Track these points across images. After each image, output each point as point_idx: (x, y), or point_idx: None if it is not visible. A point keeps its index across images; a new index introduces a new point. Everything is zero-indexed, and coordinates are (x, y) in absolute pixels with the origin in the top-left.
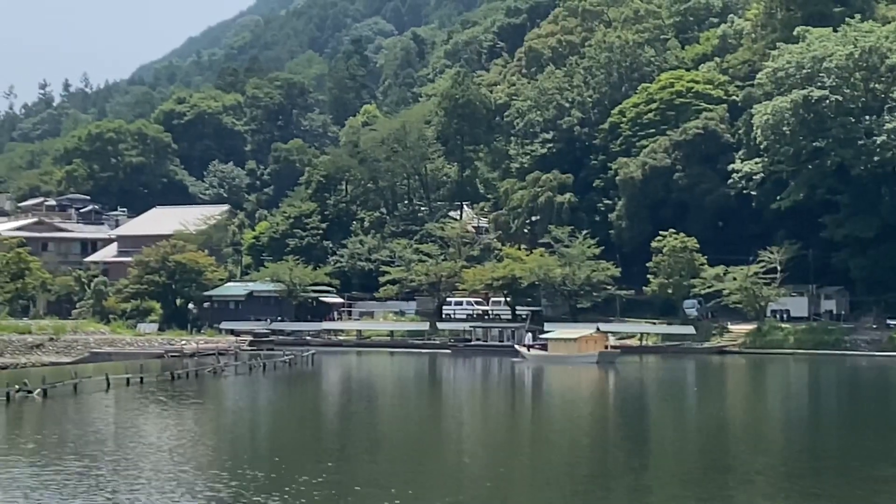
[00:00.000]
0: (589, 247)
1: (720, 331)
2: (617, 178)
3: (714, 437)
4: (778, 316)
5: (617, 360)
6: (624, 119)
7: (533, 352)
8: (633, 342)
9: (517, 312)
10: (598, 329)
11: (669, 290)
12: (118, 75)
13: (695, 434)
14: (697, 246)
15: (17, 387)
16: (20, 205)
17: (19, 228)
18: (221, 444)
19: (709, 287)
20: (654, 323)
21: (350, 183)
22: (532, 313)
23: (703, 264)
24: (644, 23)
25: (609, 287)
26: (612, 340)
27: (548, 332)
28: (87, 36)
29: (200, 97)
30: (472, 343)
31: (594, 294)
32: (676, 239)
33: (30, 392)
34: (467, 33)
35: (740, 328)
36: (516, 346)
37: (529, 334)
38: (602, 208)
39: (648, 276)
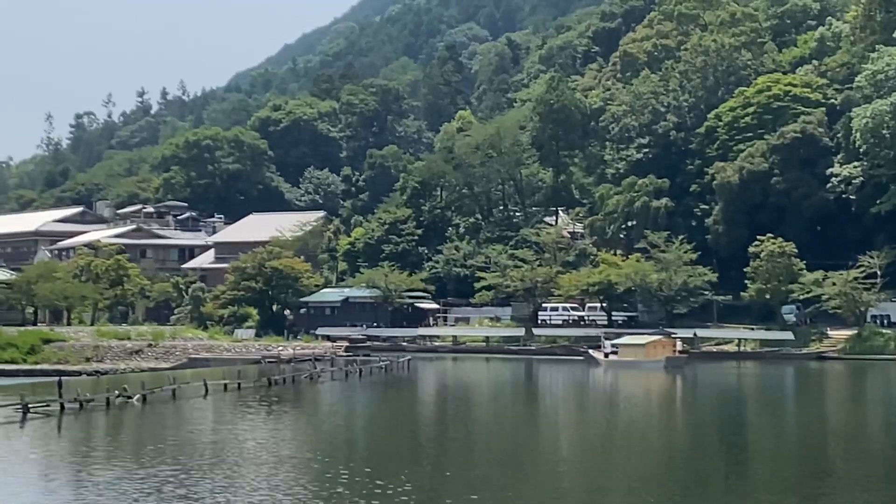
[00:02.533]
0: (685, 252)
1: (819, 336)
2: (714, 182)
3: (812, 443)
4: (878, 321)
5: (685, 365)
6: (720, 123)
7: (610, 357)
8: (731, 348)
9: (613, 318)
10: (695, 335)
11: (767, 296)
12: (215, 83)
13: (792, 440)
14: (796, 251)
15: (116, 392)
16: (119, 212)
17: (118, 236)
18: (318, 449)
19: (807, 292)
20: (752, 328)
21: (445, 189)
22: (627, 318)
23: (801, 269)
24: (740, 26)
25: (706, 292)
26: (679, 346)
27: (619, 338)
28: (184, 44)
29: (296, 104)
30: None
31: (691, 299)
32: (774, 244)
33: (129, 397)
34: (562, 38)
35: (840, 334)
36: (591, 352)
37: (608, 341)
38: (698, 213)
39: (746, 281)
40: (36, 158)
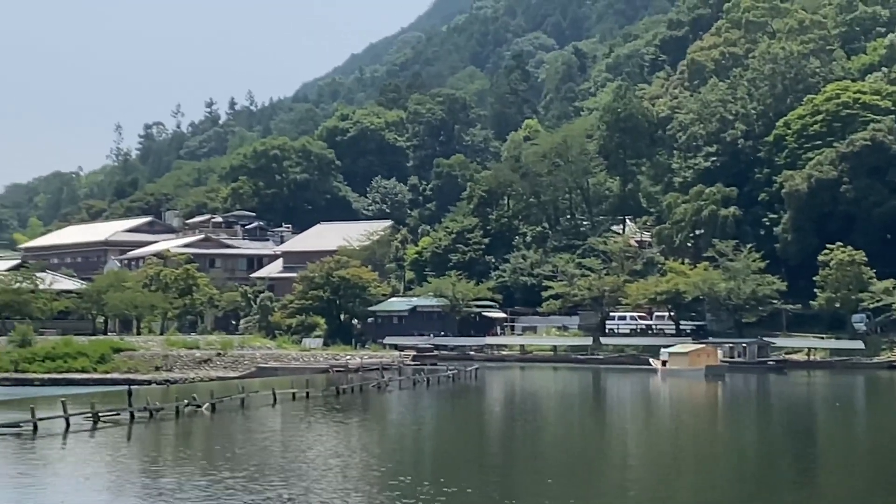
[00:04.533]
0: (754, 260)
1: (890, 345)
2: (782, 190)
3: (884, 454)
4: None
5: (725, 373)
6: (789, 131)
7: (667, 366)
8: (800, 357)
9: (681, 327)
10: (762, 340)
11: (837, 304)
12: (282, 93)
13: (862, 450)
14: (865, 259)
15: (186, 401)
16: (188, 222)
17: (187, 245)
18: (386, 458)
19: (878, 301)
20: (822, 338)
21: (512, 198)
22: (696, 327)
23: (871, 278)
24: (809, 33)
25: (774, 301)
26: (720, 354)
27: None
28: (252, 55)
29: (363, 114)
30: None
31: (759, 308)
32: (844, 252)
33: (198, 406)
34: (629, 46)
35: None
36: (651, 361)
37: (665, 349)
38: (767, 222)
39: (815, 289)
40: (106, 169)
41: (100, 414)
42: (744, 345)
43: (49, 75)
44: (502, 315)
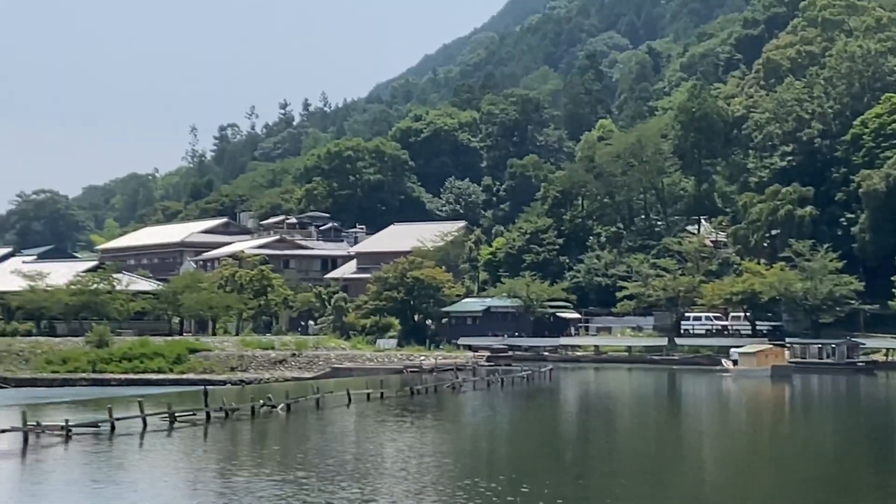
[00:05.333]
0: (831, 260)
1: None
2: (860, 190)
3: None
4: None
5: (792, 374)
6: (866, 130)
7: (737, 366)
8: (879, 357)
9: (757, 327)
10: (850, 340)
11: None
12: (356, 94)
13: None
14: None
15: (261, 401)
16: (262, 223)
17: (262, 246)
18: (460, 458)
19: None
20: None
21: (586, 198)
22: (772, 328)
23: None
24: (887, 31)
25: (852, 301)
26: (787, 356)
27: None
28: (326, 56)
29: (436, 114)
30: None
31: (837, 309)
32: None
33: (274, 406)
34: (703, 46)
35: None
36: (723, 361)
37: (735, 349)
38: (844, 221)
39: (893, 289)
40: (181, 170)
41: (176, 414)
42: (833, 345)
43: (126, 78)
44: (576, 315)
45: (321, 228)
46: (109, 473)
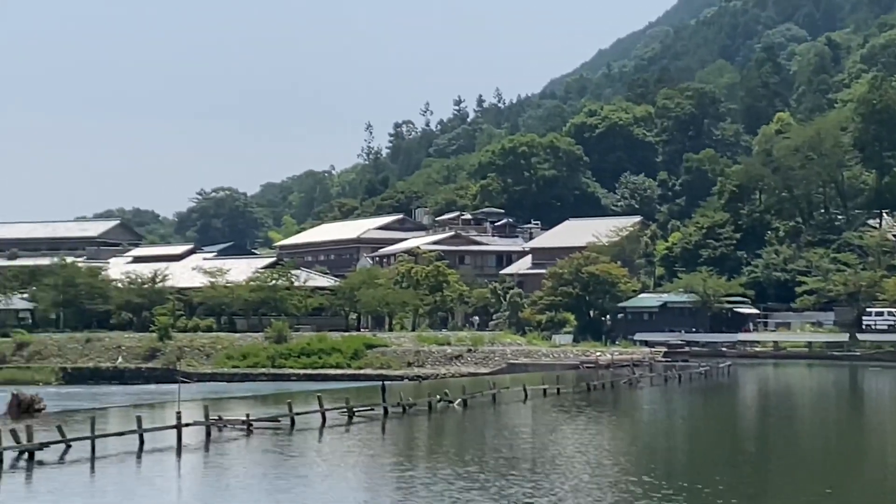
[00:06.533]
0: None
1: None
2: None
3: None
4: None
5: None
6: None
7: None
8: None
9: None
10: None
11: None
12: (530, 90)
13: None
14: None
15: (438, 397)
16: (437, 219)
17: (437, 242)
18: (637, 455)
19: None
20: None
21: (764, 192)
22: None
23: None
24: None
25: None
26: None
27: None
28: (500, 52)
29: (611, 109)
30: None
31: None
32: None
33: (450, 402)
34: (885, 36)
35: None
36: None
37: None
38: None
39: None
40: (357, 167)
41: (354, 409)
42: None
43: (302, 77)
44: (755, 311)
45: (496, 224)
46: (289, 467)
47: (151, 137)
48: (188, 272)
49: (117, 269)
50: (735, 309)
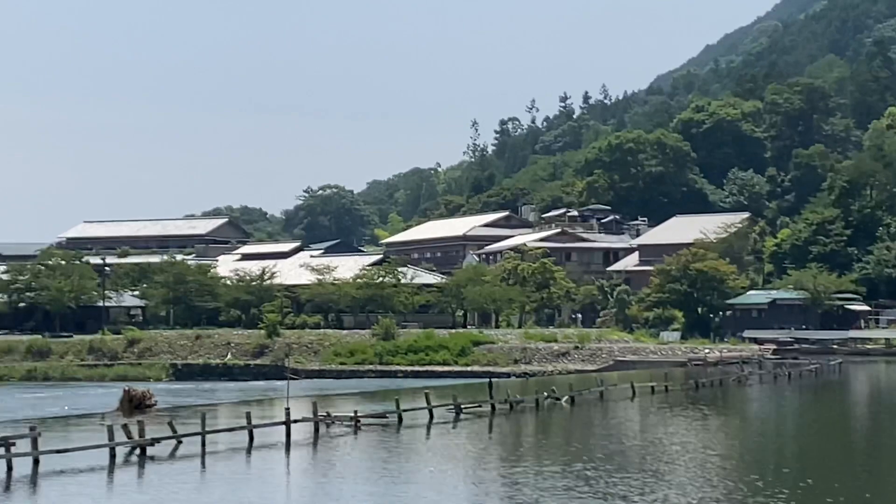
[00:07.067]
0: None
1: None
2: None
3: None
4: None
5: None
6: None
7: None
8: None
9: None
10: None
11: None
12: (636, 86)
13: None
14: None
15: (545, 393)
16: (544, 216)
17: (543, 239)
18: (745, 453)
19: None
20: None
21: (875, 188)
22: None
23: None
24: None
25: None
26: None
27: None
28: (605, 47)
29: (719, 105)
30: None
31: None
32: None
33: (558, 399)
34: None
35: None
36: None
37: None
38: None
39: None
40: (462, 165)
41: (462, 406)
42: None
43: (407, 75)
44: (866, 308)
45: (602, 221)
46: (397, 464)
47: (260, 135)
48: (296, 269)
49: (226, 266)
50: (846, 306)
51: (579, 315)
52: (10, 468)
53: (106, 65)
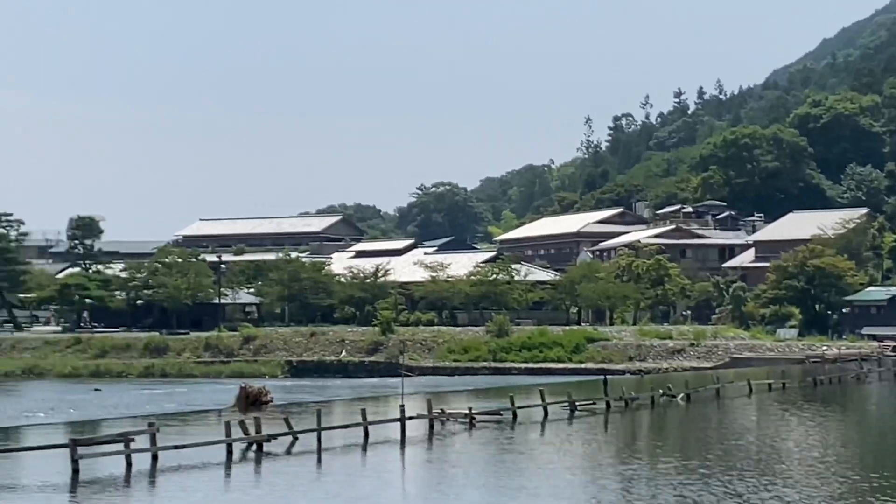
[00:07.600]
0: None
1: None
2: None
3: None
4: None
5: None
6: None
7: None
8: None
9: None
10: None
11: None
12: (751, 80)
13: None
14: None
15: (661, 391)
16: (658, 212)
17: (657, 236)
18: (865, 451)
19: None
20: None
21: None
22: None
23: None
24: None
25: None
26: None
27: None
28: (721, 42)
29: (836, 99)
30: None
31: None
32: None
33: (673, 396)
34: None
35: None
36: None
37: None
38: None
39: None
40: (576, 161)
41: (576, 403)
42: None
43: (521, 72)
44: None
45: (717, 217)
46: (512, 461)
47: (373, 133)
48: (409, 267)
49: (340, 263)
50: None
51: (688, 312)
52: (129, 464)
53: (225, 67)
